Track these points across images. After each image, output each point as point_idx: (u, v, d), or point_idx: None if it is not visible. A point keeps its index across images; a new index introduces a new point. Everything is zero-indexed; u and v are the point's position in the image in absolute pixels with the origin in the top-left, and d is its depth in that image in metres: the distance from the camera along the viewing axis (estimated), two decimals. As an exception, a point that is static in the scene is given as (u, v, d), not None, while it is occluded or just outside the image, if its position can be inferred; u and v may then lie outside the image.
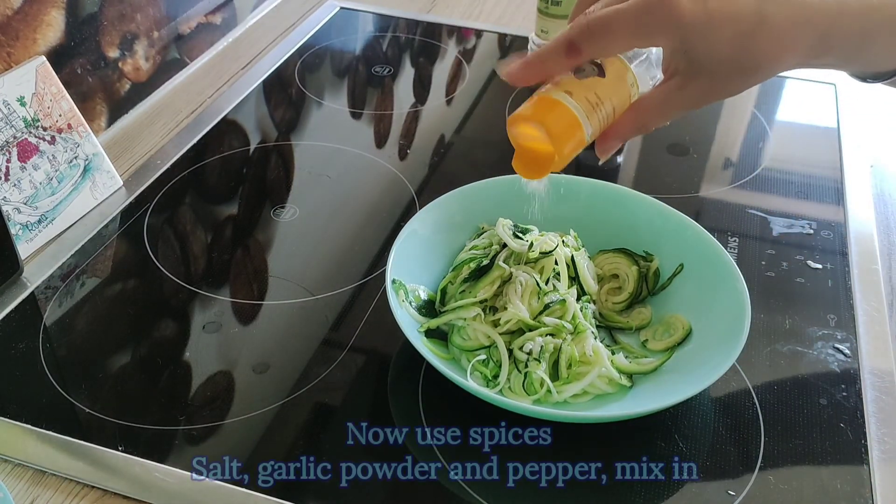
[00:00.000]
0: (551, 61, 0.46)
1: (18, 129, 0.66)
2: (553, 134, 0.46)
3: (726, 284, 0.56)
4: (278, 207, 0.73)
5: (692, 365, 0.54)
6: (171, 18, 0.89)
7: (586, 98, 0.46)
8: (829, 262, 0.67)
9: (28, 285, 0.64)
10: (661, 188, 0.75)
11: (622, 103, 0.48)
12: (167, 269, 0.66)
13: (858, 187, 0.76)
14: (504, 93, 0.91)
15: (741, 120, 0.87)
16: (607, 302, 0.61)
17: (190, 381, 0.56)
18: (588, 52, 0.45)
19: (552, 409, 0.52)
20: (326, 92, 0.91)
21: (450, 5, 1.11)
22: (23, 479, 0.51)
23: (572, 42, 0.45)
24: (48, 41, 0.73)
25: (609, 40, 0.44)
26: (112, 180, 0.74)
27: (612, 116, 0.48)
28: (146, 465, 0.51)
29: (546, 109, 0.46)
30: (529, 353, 0.54)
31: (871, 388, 0.57)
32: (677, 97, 0.46)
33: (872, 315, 0.62)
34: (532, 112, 0.46)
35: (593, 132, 0.47)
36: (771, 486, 0.50)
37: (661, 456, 0.52)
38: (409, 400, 0.55)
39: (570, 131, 0.46)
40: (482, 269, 0.57)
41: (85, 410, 0.54)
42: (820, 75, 0.92)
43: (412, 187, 0.76)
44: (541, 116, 0.46)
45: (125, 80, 0.84)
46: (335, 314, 0.62)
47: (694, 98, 0.46)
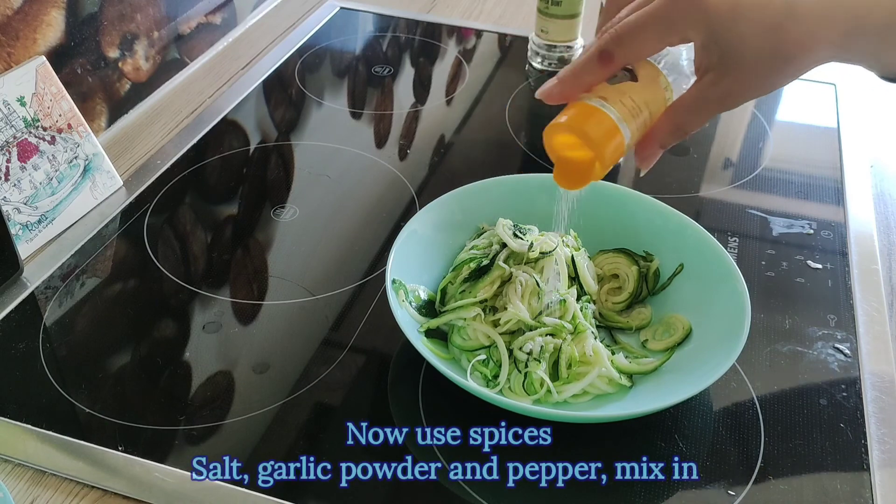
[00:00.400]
0: (585, 72, 0.46)
1: (18, 129, 0.66)
2: (592, 140, 0.45)
3: (726, 284, 0.56)
4: (278, 207, 0.73)
5: (692, 365, 0.54)
6: (171, 18, 0.89)
7: (621, 102, 0.46)
8: (829, 262, 0.67)
9: (28, 285, 0.64)
10: (661, 188, 0.75)
11: (657, 108, 0.48)
12: (167, 269, 0.66)
13: (858, 187, 0.76)
14: (504, 93, 0.91)
15: (741, 120, 0.87)
16: (607, 302, 0.61)
17: (190, 381, 0.56)
18: (620, 58, 0.45)
19: (552, 409, 0.53)
20: (326, 92, 0.91)
21: (450, 5, 1.11)
22: (23, 479, 0.51)
23: (604, 50, 0.45)
24: (48, 41, 0.73)
25: (640, 41, 0.45)
26: (112, 180, 0.74)
27: (648, 122, 0.48)
28: (146, 465, 0.51)
29: (583, 116, 0.46)
30: (529, 353, 0.54)
31: (871, 388, 0.57)
32: (712, 94, 0.46)
33: (872, 315, 0.62)
34: (568, 120, 0.46)
35: (632, 137, 0.47)
36: (771, 486, 0.50)
37: (661, 456, 0.52)
38: (409, 400, 0.55)
39: (608, 136, 0.45)
40: (482, 269, 0.57)
41: (85, 410, 0.54)
42: (820, 75, 0.92)
43: (412, 187, 0.76)
44: (578, 123, 0.46)
45: (125, 80, 0.84)
46: (335, 314, 0.62)
47: (728, 94, 0.46)
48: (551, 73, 0.93)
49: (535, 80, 0.93)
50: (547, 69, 0.93)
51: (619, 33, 0.45)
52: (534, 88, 0.92)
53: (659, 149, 0.49)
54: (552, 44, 0.92)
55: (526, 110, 0.88)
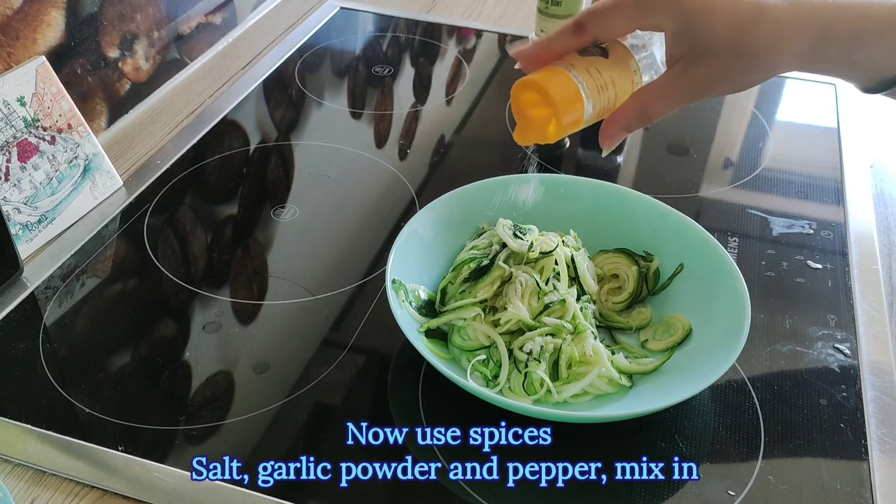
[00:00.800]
0: (559, 40, 0.49)
1: (18, 129, 0.66)
2: (553, 99, 0.48)
3: (726, 284, 0.56)
4: (278, 207, 0.73)
5: (692, 365, 0.54)
6: (171, 18, 0.89)
7: (588, 72, 0.49)
8: (829, 262, 0.67)
9: (28, 285, 0.64)
10: (661, 188, 0.75)
11: (625, 89, 0.50)
12: (167, 269, 0.66)
13: (858, 187, 0.76)
14: (504, 93, 0.91)
15: (741, 120, 0.87)
16: (607, 302, 0.61)
17: (190, 381, 0.56)
18: (592, 31, 0.48)
19: (552, 409, 0.53)
20: (326, 92, 0.91)
21: (450, 5, 1.11)
22: (23, 479, 0.51)
23: (579, 22, 0.48)
24: (48, 41, 0.73)
25: (612, 18, 0.48)
26: (112, 180, 0.74)
27: (613, 102, 0.50)
28: (146, 465, 0.51)
29: (548, 76, 0.49)
30: (529, 353, 0.54)
31: (871, 388, 0.57)
32: (679, 82, 0.48)
33: (872, 315, 0.62)
34: (534, 77, 0.49)
35: (594, 110, 0.49)
36: (771, 486, 0.50)
37: (661, 456, 0.52)
38: (409, 400, 0.55)
39: (569, 99, 0.48)
40: (482, 269, 0.57)
41: (85, 410, 0.54)
42: (820, 75, 0.92)
43: (412, 187, 0.76)
44: (542, 81, 0.48)
45: (125, 80, 0.84)
46: (335, 314, 0.62)
47: (695, 84, 0.47)
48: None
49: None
50: (547, 69, 0.93)
51: (596, 8, 0.48)
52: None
53: (623, 130, 0.50)
54: (552, 44, 0.92)
55: (526, 110, 0.88)
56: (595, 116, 0.50)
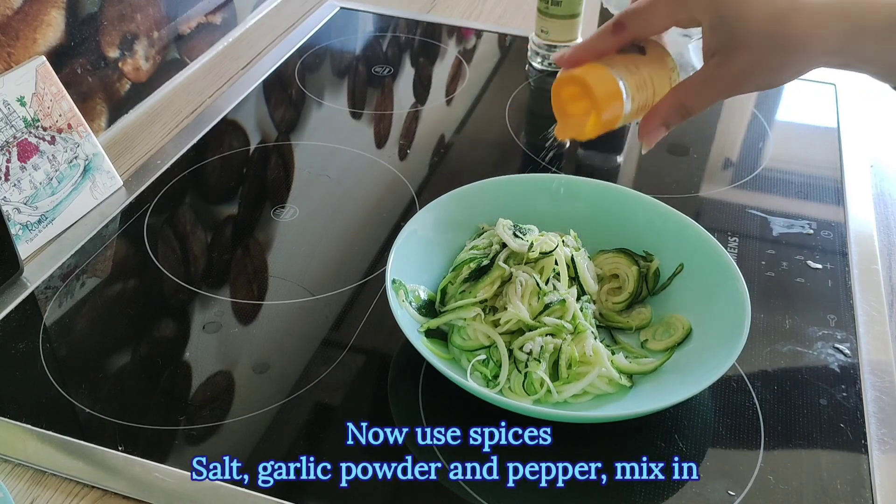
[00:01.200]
0: (599, 40, 0.50)
1: (18, 129, 0.66)
2: (593, 93, 0.48)
3: (726, 284, 0.56)
4: (278, 207, 0.73)
5: (692, 365, 0.54)
6: (171, 18, 0.89)
7: (627, 69, 0.49)
8: (829, 262, 0.67)
9: (28, 285, 0.64)
10: (661, 188, 0.75)
11: (662, 86, 0.51)
12: (167, 269, 0.66)
13: (858, 187, 0.76)
14: (504, 93, 0.91)
15: (741, 120, 0.87)
16: (607, 302, 0.61)
17: (190, 381, 0.56)
18: (632, 29, 0.49)
19: (552, 409, 0.53)
20: (326, 92, 0.91)
21: (450, 5, 1.11)
22: (23, 479, 0.51)
23: (618, 21, 0.49)
24: (48, 41, 0.73)
25: (651, 15, 0.48)
26: (112, 180, 0.74)
27: (651, 100, 0.50)
28: (146, 465, 0.51)
29: (589, 71, 0.49)
30: (529, 353, 0.54)
31: (871, 388, 0.57)
32: (715, 75, 0.48)
33: (872, 315, 0.62)
34: (576, 72, 0.50)
35: (633, 107, 0.50)
36: (771, 486, 0.50)
37: (661, 456, 0.52)
38: (409, 400, 0.55)
39: (609, 94, 0.49)
40: (482, 269, 0.57)
41: (85, 410, 0.54)
42: (820, 75, 0.92)
43: (412, 187, 0.76)
44: (584, 76, 0.49)
45: (125, 80, 0.84)
46: (335, 314, 0.62)
47: (730, 77, 0.48)
48: (551, 73, 0.93)
49: (535, 80, 0.93)
50: (547, 69, 0.93)
51: (635, 7, 0.49)
52: (534, 88, 0.92)
53: (662, 126, 0.51)
54: (552, 44, 0.92)
55: (526, 110, 0.88)
56: (633, 113, 0.50)
